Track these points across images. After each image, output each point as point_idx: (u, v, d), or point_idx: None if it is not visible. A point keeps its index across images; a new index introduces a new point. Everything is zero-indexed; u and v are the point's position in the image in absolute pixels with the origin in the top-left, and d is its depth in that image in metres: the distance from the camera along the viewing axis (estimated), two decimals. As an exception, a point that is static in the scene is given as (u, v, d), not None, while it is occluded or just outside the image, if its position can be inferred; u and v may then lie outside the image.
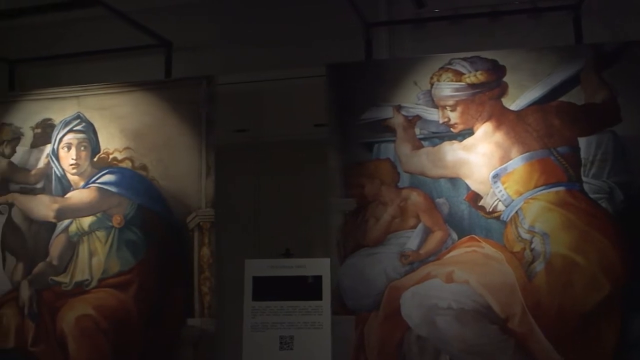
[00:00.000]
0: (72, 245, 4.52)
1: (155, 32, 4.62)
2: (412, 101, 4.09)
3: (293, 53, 4.67)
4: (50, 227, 4.58)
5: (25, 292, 4.55)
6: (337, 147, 4.14)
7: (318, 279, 3.76)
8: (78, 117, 4.62)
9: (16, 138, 4.74)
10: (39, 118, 4.71)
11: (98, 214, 4.48)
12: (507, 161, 3.91)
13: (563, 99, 3.92)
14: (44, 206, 4.61)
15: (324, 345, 3.69)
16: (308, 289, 3.76)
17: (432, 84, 4.07)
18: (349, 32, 4.42)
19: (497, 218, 3.89)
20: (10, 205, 4.66)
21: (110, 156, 4.53)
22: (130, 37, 4.69)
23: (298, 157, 4.68)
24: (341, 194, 4.10)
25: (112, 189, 4.48)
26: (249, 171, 4.80)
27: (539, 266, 3.78)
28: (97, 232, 4.47)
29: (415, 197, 4.01)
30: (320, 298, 3.74)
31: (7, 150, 4.74)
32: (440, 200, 3.98)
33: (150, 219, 4.40)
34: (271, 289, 3.80)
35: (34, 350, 4.47)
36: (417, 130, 4.07)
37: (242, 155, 4.75)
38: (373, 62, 4.34)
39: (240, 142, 4.77)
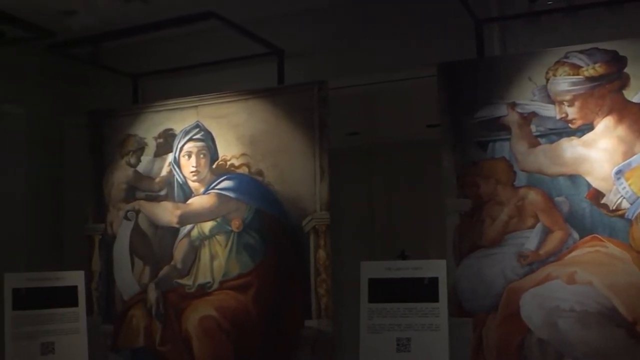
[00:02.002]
0: (194, 249, 4.69)
1: (267, 41, 4.73)
2: (527, 97, 3.98)
3: (403, 54, 4.65)
4: (174, 232, 4.77)
5: (152, 294, 4.76)
6: (451, 147, 4.08)
7: (434, 280, 3.73)
8: (197, 126, 4.79)
9: (140, 148, 4.97)
10: (161, 128, 4.91)
11: (218, 219, 4.62)
12: (631, 156, 3.71)
13: (692, 88, 3.70)
14: (167, 212, 4.81)
15: (442, 347, 3.65)
16: (424, 290, 3.74)
17: (547, 79, 3.93)
18: (460, 30, 4.35)
19: (622, 216, 3.70)
20: (137, 211, 4.90)
21: (228, 163, 4.67)
22: (244, 47, 4.82)
23: (411, 159, 4.66)
24: (456, 194, 4.04)
25: (231, 194, 4.61)
26: (362, 173, 4.82)
27: (668, 266, 3.59)
28: (217, 236, 4.62)
29: (533, 196, 3.89)
30: (436, 300, 3.70)
31: (132, 160, 4.98)
32: (559, 199, 3.84)
33: (268, 222, 4.49)
34: (387, 290, 3.80)
35: (161, 349, 4.68)
36: (533, 127, 3.95)
37: (355, 158, 4.77)
38: (485, 59, 4.25)
39: (353, 145, 4.80)
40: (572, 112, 3.87)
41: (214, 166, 4.71)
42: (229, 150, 4.67)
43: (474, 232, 3.97)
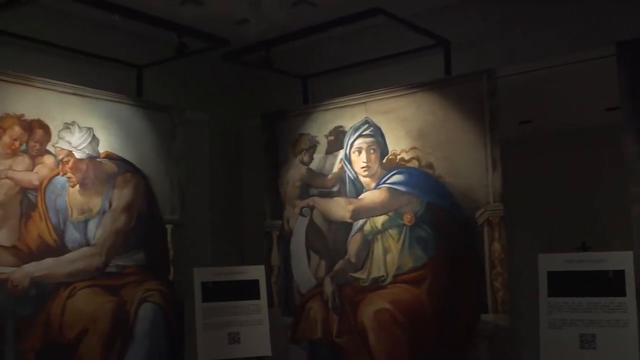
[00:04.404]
0: (367, 244, 4.76)
1: (432, 33, 4.68)
2: None
3: (576, 34, 4.42)
4: (347, 226, 4.86)
5: (328, 288, 4.89)
6: (634, 130, 3.82)
7: (620, 273, 3.52)
8: (366, 122, 4.85)
9: (312, 146, 5.11)
10: (331, 126, 5.03)
11: (390, 213, 4.66)
12: None
13: None
14: (340, 208, 4.91)
15: (631, 345, 3.44)
16: (609, 284, 3.54)
17: None
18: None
19: None
20: (312, 208, 5.05)
21: (398, 157, 4.69)
22: (409, 40, 4.81)
23: (588, 145, 4.43)
24: (642, 181, 3.80)
25: (402, 188, 4.63)
26: (536, 162, 4.64)
27: None
28: (389, 231, 4.65)
29: None
30: (623, 294, 3.49)
31: (305, 158, 5.14)
32: None
33: (439, 215, 4.46)
34: (568, 284, 3.64)
35: (338, 341, 4.79)
36: None
37: (528, 147, 4.61)
38: (671, 33, 3.95)
39: (525, 134, 4.63)
40: None
41: (384, 161, 4.75)
42: (398, 145, 4.69)
43: (663, 222, 3.70)
